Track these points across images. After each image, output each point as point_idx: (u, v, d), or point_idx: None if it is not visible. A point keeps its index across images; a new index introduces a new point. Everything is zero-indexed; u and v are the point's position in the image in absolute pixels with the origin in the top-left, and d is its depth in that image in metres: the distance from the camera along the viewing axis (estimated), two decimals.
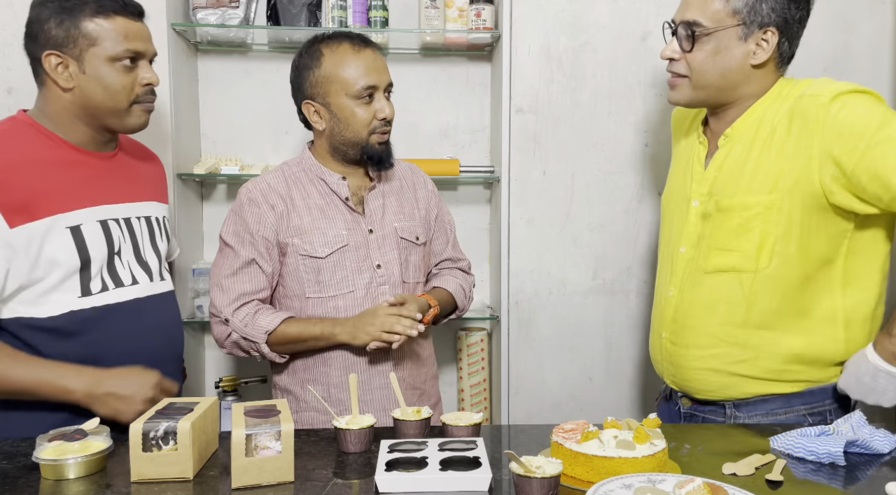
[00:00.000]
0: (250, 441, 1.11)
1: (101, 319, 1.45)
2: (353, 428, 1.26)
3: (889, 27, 2.18)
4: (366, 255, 1.66)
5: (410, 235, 1.73)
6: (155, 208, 1.63)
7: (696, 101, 1.50)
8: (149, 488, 1.12)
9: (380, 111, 1.62)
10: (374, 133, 1.63)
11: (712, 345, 1.48)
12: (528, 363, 2.21)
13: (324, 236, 1.64)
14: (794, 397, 1.46)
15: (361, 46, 1.62)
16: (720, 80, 1.44)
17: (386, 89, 1.64)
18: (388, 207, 1.72)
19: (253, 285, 1.64)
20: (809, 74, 2.16)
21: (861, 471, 1.18)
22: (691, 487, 1.00)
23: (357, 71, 1.60)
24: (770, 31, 1.40)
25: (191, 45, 2.26)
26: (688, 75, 1.46)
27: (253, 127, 2.35)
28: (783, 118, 1.40)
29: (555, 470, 1.04)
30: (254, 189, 1.67)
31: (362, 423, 1.28)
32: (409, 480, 1.10)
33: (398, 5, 2.29)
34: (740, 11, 1.39)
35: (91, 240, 1.44)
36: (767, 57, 1.42)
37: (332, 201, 1.67)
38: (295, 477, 1.15)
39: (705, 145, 1.55)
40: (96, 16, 1.42)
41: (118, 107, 1.46)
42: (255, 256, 1.64)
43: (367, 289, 1.66)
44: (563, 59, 2.14)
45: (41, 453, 1.16)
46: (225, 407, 2.15)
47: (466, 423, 1.31)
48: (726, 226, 1.45)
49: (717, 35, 1.41)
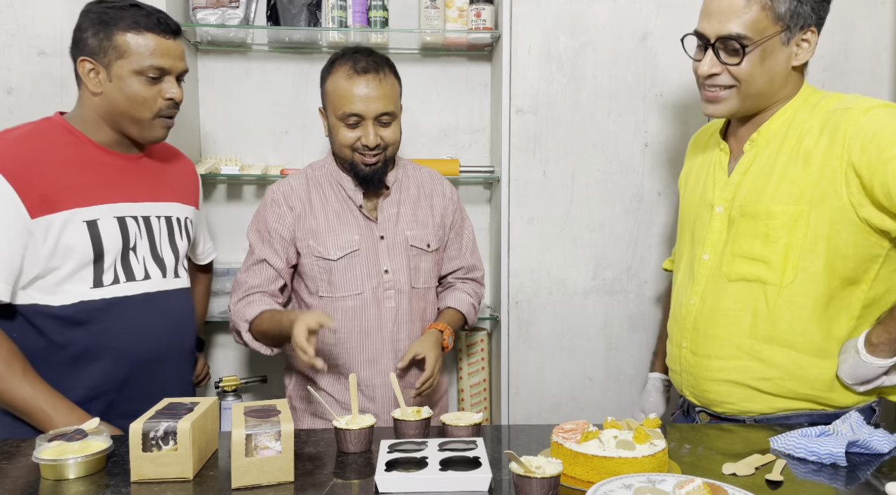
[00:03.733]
0: (250, 441, 1.12)
1: (110, 310, 1.51)
2: (353, 428, 1.26)
3: (889, 27, 2.18)
4: (375, 260, 1.73)
5: (421, 243, 1.78)
6: (178, 209, 1.68)
7: (742, 110, 1.45)
8: (149, 488, 1.12)
9: (363, 137, 1.67)
10: (356, 153, 1.68)
11: (735, 356, 1.45)
12: (528, 363, 2.21)
13: (337, 240, 1.72)
14: (817, 416, 1.43)
15: (360, 72, 1.65)
16: (768, 86, 1.40)
17: (378, 117, 1.66)
18: (402, 215, 1.79)
19: (260, 279, 1.74)
20: (809, 74, 2.16)
21: (861, 471, 1.18)
22: (691, 487, 1.00)
23: (345, 95, 1.65)
24: (811, 31, 1.38)
25: (191, 45, 2.26)
26: (735, 85, 1.41)
27: (253, 127, 2.35)
28: (813, 128, 1.37)
29: (555, 470, 1.04)
30: (277, 190, 1.77)
31: (362, 423, 1.28)
32: (408, 480, 1.10)
33: (398, 5, 2.29)
34: (783, 17, 1.35)
35: (106, 233, 1.50)
36: (809, 57, 1.40)
37: (349, 206, 1.75)
38: (295, 477, 1.15)
39: (727, 152, 1.52)
40: (129, 31, 1.49)
41: (141, 117, 1.53)
42: (267, 256, 1.74)
43: (374, 293, 1.73)
44: (563, 59, 2.14)
45: (41, 453, 1.16)
46: (225, 407, 2.15)
47: (466, 423, 1.32)
48: (751, 233, 1.42)
49: (763, 45, 1.36)
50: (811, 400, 1.42)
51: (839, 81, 2.17)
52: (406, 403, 1.55)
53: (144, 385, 1.56)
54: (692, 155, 1.69)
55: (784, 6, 1.35)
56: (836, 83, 2.17)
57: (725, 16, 1.36)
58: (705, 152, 1.61)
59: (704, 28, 1.40)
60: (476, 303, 1.92)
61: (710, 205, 1.51)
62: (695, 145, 1.70)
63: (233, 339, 2.36)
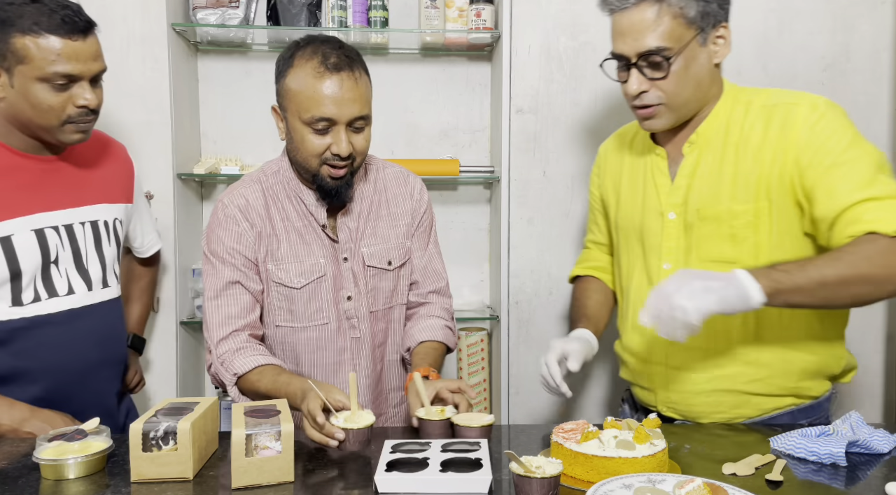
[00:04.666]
0: (250, 441, 1.12)
1: (32, 329, 1.43)
2: (352, 427, 1.25)
3: (889, 27, 2.18)
4: (340, 286, 1.54)
5: (381, 261, 1.57)
6: (104, 211, 1.56)
7: (680, 119, 1.41)
8: (149, 488, 1.12)
9: (334, 145, 1.41)
10: (325, 164, 1.43)
11: (723, 364, 1.41)
12: (528, 363, 2.21)
13: (300, 265, 1.51)
14: (799, 412, 1.44)
15: (331, 69, 1.39)
16: (696, 91, 1.38)
17: (352, 123, 1.41)
18: (362, 230, 1.56)
19: (238, 307, 1.49)
20: (809, 74, 2.17)
21: (861, 471, 1.18)
22: (691, 487, 1.00)
23: (314, 96, 1.38)
24: (723, 26, 1.37)
25: (191, 45, 2.26)
26: (664, 102, 1.37)
27: (253, 127, 2.35)
28: (756, 124, 1.37)
29: (555, 470, 1.04)
30: (230, 205, 1.51)
31: (360, 422, 1.26)
32: (408, 481, 1.10)
33: (398, 5, 2.29)
34: (696, 20, 1.33)
35: (22, 250, 1.40)
36: (727, 52, 1.38)
37: (311, 223, 1.52)
38: (295, 476, 1.15)
39: (664, 157, 1.47)
40: (28, 33, 1.33)
41: (47, 124, 1.40)
42: (237, 277, 1.50)
43: (339, 323, 1.54)
44: (563, 59, 2.14)
45: (41, 453, 1.16)
46: (225, 408, 2.15)
47: (479, 424, 1.29)
48: (716, 236, 1.39)
49: (684, 52, 1.33)
50: (794, 394, 1.43)
51: (839, 81, 2.17)
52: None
53: (72, 401, 1.49)
54: (615, 159, 1.61)
55: (693, 10, 1.32)
56: (836, 83, 2.17)
57: (639, 32, 1.32)
58: (635, 157, 1.55)
59: (622, 48, 1.36)
60: (449, 321, 1.65)
61: (660, 212, 1.46)
62: (616, 149, 1.62)
63: None
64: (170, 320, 2.11)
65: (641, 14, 1.32)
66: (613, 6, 1.35)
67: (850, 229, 1.27)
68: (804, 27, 2.15)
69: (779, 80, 2.15)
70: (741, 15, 2.13)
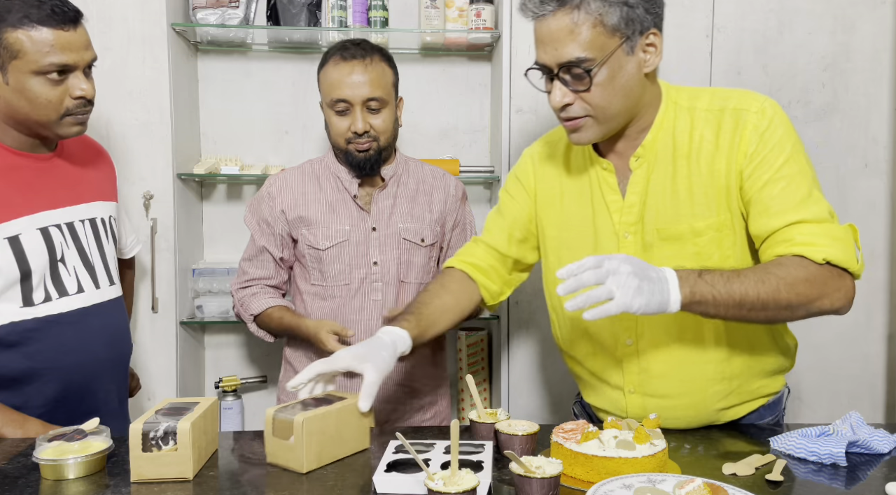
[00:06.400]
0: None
1: (44, 330, 1.42)
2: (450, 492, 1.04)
3: (889, 27, 2.18)
4: (365, 252, 1.75)
5: (415, 237, 1.78)
6: (100, 208, 1.57)
7: (609, 131, 1.32)
8: (149, 488, 1.12)
9: (352, 124, 1.68)
10: (350, 143, 1.70)
11: (701, 389, 1.36)
12: (528, 363, 2.21)
13: (327, 229, 1.75)
14: (766, 409, 1.44)
15: (346, 59, 1.67)
16: (625, 102, 1.28)
17: (366, 103, 1.67)
18: (398, 208, 1.79)
19: (263, 271, 1.82)
20: (809, 74, 2.17)
21: (861, 471, 1.18)
22: (691, 487, 1.00)
23: (333, 82, 1.68)
24: (652, 33, 1.26)
25: (191, 45, 2.26)
26: (590, 114, 1.28)
27: (253, 127, 2.35)
28: (705, 132, 1.30)
29: (555, 470, 1.04)
30: (273, 184, 1.81)
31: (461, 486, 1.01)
32: (407, 481, 1.10)
33: (398, 5, 2.29)
34: (618, 27, 1.22)
35: (31, 249, 1.39)
36: (659, 61, 1.28)
37: (343, 197, 1.77)
38: (294, 475, 1.15)
39: (612, 171, 1.37)
40: (20, 26, 1.32)
41: (46, 119, 1.39)
42: (266, 244, 1.79)
43: (360, 284, 1.75)
44: None
45: (41, 453, 1.15)
46: (225, 407, 2.15)
47: (525, 432, 1.21)
48: (679, 255, 1.32)
49: (607, 62, 1.23)
50: (760, 395, 1.42)
51: (839, 81, 2.18)
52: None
53: (82, 402, 1.48)
54: (551, 172, 1.48)
55: (615, 16, 1.21)
56: (836, 83, 2.17)
57: (559, 42, 1.23)
58: (576, 171, 1.43)
59: (543, 58, 1.27)
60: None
61: (614, 232, 1.37)
62: (548, 159, 1.49)
63: (232, 339, 2.38)
64: (170, 320, 2.11)
65: (559, 23, 1.22)
66: (532, 13, 1.26)
67: (780, 248, 1.24)
68: (804, 27, 2.15)
69: (779, 80, 2.16)
70: (741, 15, 2.14)
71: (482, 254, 1.54)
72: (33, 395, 1.43)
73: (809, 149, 2.31)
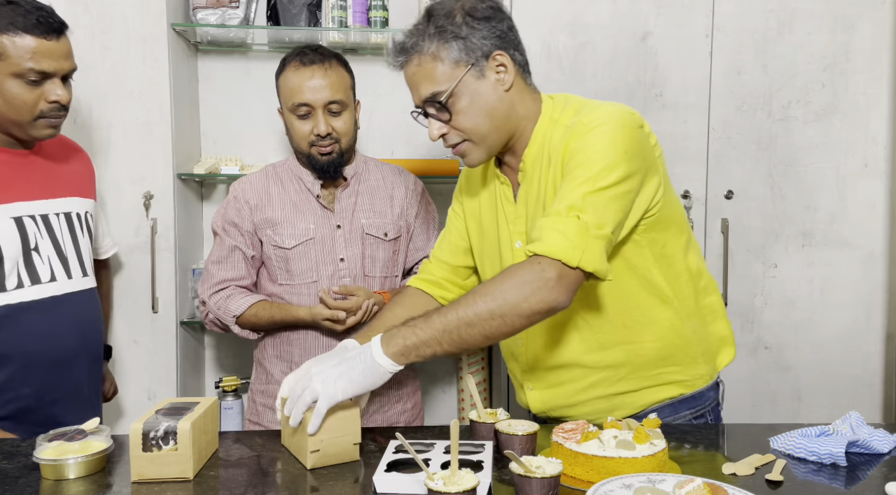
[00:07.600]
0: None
1: (15, 316, 1.46)
2: (450, 491, 1.01)
3: (889, 27, 2.18)
4: (331, 249, 1.80)
5: (378, 231, 1.83)
6: (77, 204, 1.62)
7: (493, 150, 1.40)
8: (149, 488, 1.12)
9: (315, 127, 1.72)
10: (313, 146, 1.73)
11: (588, 374, 1.42)
12: None
13: (293, 229, 1.78)
14: (680, 403, 1.44)
15: (306, 64, 1.71)
16: (491, 120, 1.35)
17: (327, 106, 1.71)
18: (360, 205, 1.83)
19: (234, 272, 1.82)
20: (810, 74, 2.17)
21: (861, 471, 1.18)
22: (691, 487, 1.00)
23: (293, 87, 1.71)
24: (496, 54, 1.33)
25: (191, 45, 2.26)
26: (466, 139, 1.37)
27: (253, 127, 2.35)
28: (558, 146, 1.34)
29: (555, 470, 1.04)
30: (238, 186, 1.84)
31: (461, 486, 0.99)
32: (406, 481, 1.10)
33: (398, 5, 2.29)
34: (459, 59, 1.32)
35: (3, 236, 1.44)
36: (513, 77, 1.36)
37: (306, 198, 1.81)
38: (294, 475, 1.15)
39: (508, 184, 1.46)
40: (5, 32, 1.41)
41: (20, 119, 1.46)
42: (237, 243, 1.81)
43: (329, 281, 1.79)
44: (563, 58, 2.14)
45: (41, 453, 1.16)
46: (225, 407, 2.15)
47: (525, 432, 1.22)
48: None
49: (458, 90, 1.33)
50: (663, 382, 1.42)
51: (839, 81, 2.18)
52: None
53: (58, 389, 1.52)
54: (474, 187, 1.57)
55: (453, 51, 1.31)
56: (836, 83, 2.17)
57: (415, 84, 1.36)
58: (487, 186, 1.52)
59: (413, 100, 1.40)
60: None
61: (510, 242, 1.45)
62: (472, 177, 1.59)
63: (232, 339, 2.37)
64: (170, 320, 2.11)
65: (411, 69, 1.36)
66: (393, 67, 1.40)
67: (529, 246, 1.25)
68: (804, 27, 2.16)
69: (779, 80, 2.16)
70: (741, 15, 2.14)
71: (433, 270, 1.62)
72: (6, 381, 1.45)
73: (810, 149, 2.32)
